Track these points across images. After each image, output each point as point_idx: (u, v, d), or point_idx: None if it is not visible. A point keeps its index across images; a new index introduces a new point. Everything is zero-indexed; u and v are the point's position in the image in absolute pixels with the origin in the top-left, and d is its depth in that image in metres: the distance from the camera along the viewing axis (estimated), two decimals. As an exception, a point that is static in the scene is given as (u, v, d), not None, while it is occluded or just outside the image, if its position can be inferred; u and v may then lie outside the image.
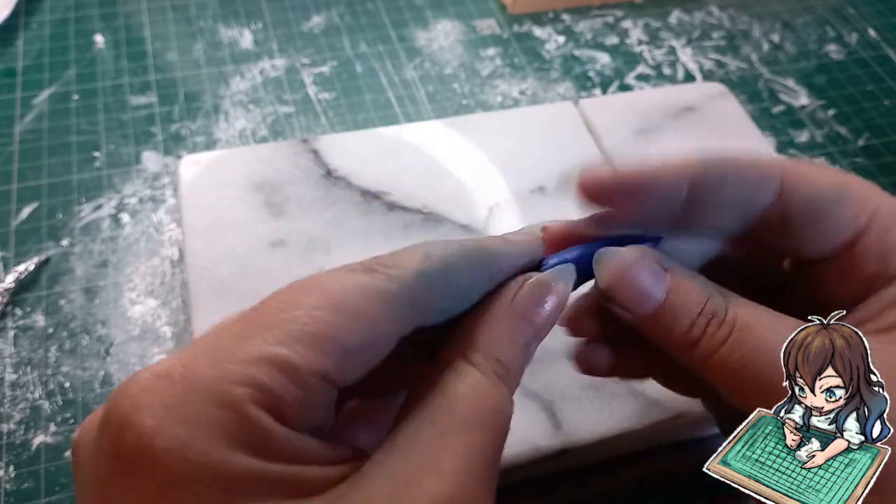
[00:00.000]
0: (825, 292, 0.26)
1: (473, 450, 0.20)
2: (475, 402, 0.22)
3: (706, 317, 0.24)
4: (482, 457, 0.21)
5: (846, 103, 0.56)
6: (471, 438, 0.21)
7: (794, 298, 0.26)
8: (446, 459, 0.20)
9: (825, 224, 0.24)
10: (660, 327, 0.25)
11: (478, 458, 0.20)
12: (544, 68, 0.58)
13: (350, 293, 0.20)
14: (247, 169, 0.45)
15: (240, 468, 0.17)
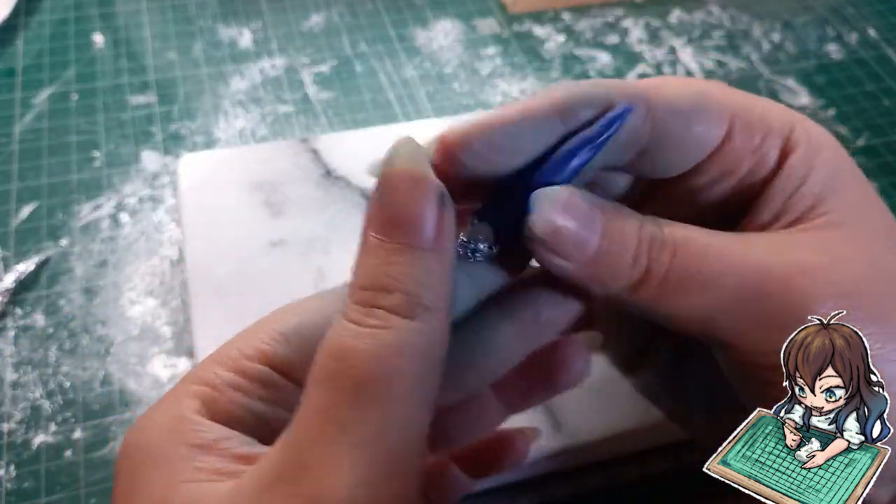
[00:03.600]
0: (693, 203, 0.24)
1: (315, 410, 0.18)
2: (323, 351, 0.19)
3: (646, 245, 0.22)
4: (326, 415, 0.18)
5: (846, 103, 0.56)
6: (312, 399, 0.18)
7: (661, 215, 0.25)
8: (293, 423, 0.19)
9: (691, 136, 0.23)
10: (603, 271, 0.22)
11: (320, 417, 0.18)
12: (544, 67, 0.58)
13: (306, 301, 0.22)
14: (246, 169, 0.45)
15: (170, 455, 0.19)
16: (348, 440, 0.18)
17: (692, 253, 0.22)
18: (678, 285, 0.22)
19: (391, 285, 0.19)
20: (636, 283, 0.22)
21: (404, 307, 0.19)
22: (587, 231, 0.22)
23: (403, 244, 0.19)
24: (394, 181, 0.20)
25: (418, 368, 0.19)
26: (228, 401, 0.20)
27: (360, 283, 0.20)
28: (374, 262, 0.19)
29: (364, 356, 0.18)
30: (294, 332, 0.21)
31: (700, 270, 0.22)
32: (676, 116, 0.23)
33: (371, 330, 0.19)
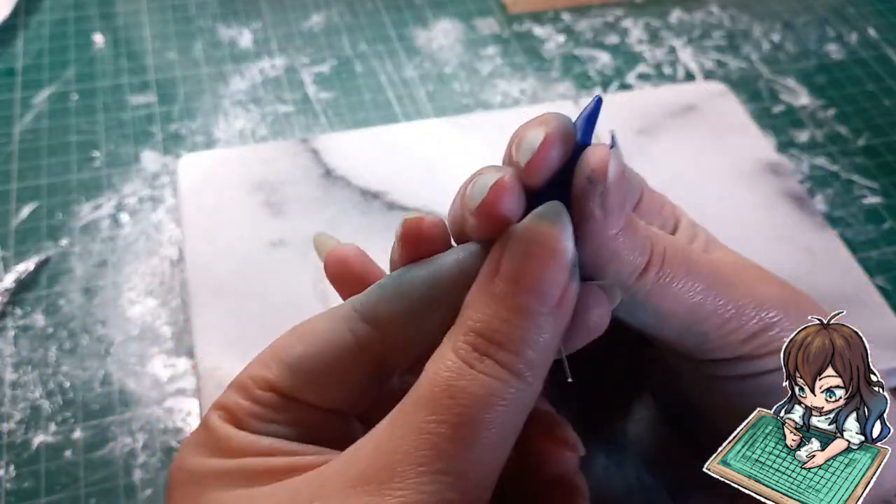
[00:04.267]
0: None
1: (418, 428, 0.19)
2: (432, 380, 0.20)
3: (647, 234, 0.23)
4: (427, 440, 0.19)
5: (846, 103, 0.56)
6: (416, 416, 0.19)
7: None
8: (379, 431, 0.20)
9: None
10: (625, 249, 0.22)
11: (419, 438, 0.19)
12: (544, 67, 0.58)
13: (315, 322, 0.23)
14: (246, 168, 0.45)
15: (202, 467, 0.21)
16: (440, 467, 0.19)
17: (676, 248, 0.24)
18: (672, 275, 0.23)
19: (507, 345, 0.20)
20: (643, 269, 0.23)
21: (513, 364, 0.20)
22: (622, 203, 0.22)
23: (527, 306, 0.20)
24: (537, 243, 0.21)
25: (513, 422, 0.20)
26: (250, 427, 0.22)
27: (478, 329, 0.20)
28: (495, 314, 0.20)
29: (472, 399, 0.19)
30: (297, 362, 0.22)
31: (684, 263, 0.23)
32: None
33: (482, 375, 0.20)
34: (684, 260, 0.23)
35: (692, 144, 0.49)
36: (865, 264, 0.46)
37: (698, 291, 0.23)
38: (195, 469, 0.21)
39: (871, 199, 0.50)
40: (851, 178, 0.51)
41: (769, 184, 0.47)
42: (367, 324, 0.22)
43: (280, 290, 0.40)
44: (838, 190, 0.51)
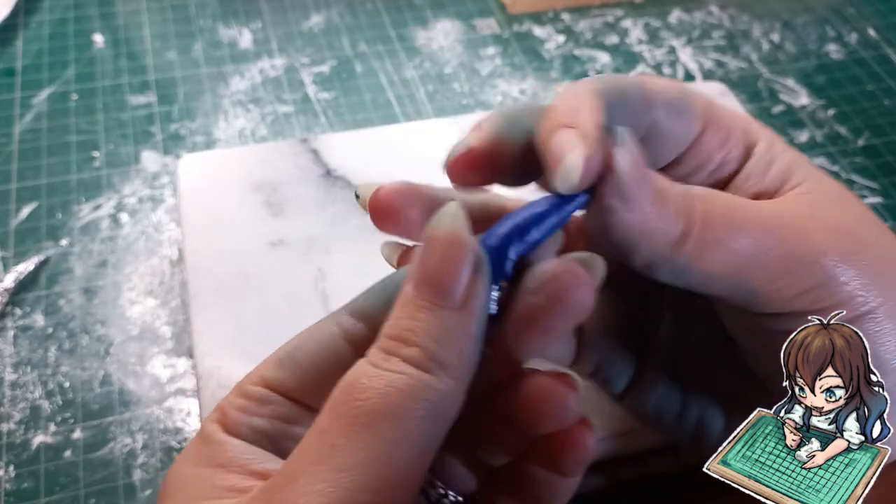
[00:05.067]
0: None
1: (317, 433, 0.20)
2: (338, 385, 0.20)
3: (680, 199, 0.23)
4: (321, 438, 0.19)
5: (846, 103, 0.56)
6: (318, 420, 0.20)
7: None
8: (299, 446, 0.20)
9: (679, 128, 0.25)
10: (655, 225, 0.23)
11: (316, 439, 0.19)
12: (544, 68, 0.58)
13: (318, 323, 0.24)
14: (246, 169, 0.45)
15: (193, 476, 0.21)
16: (333, 463, 0.19)
17: (717, 206, 0.23)
18: (713, 238, 0.23)
19: (410, 338, 0.20)
20: (679, 239, 0.23)
21: (418, 360, 0.20)
22: (644, 183, 0.23)
23: (431, 302, 0.21)
24: (434, 243, 0.21)
25: (422, 416, 0.20)
26: (234, 421, 0.22)
27: (387, 332, 0.21)
28: (403, 315, 0.21)
29: (370, 392, 0.19)
30: (287, 356, 0.23)
31: (727, 222, 0.23)
32: (668, 109, 0.25)
33: (383, 372, 0.20)
34: (726, 219, 0.23)
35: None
36: (865, 264, 0.46)
37: (744, 249, 0.23)
38: (186, 477, 0.22)
39: (871, 199, 0.50)
40: (851, 178, 0.51)
41: (769, 184, 0.47)
42: (353, 317, 0.23)
43: (280, 290, 0.40)
44: (838, 190, 0.51)
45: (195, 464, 0.22)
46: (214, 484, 0.21)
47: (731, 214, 0.23)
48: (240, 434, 0.22)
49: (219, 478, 0.21)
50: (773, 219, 0.24)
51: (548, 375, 0.23)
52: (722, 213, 0.23)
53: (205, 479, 0.21)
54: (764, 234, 0.23)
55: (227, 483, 0.21)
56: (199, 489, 0.21)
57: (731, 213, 0.23)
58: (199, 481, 0.21)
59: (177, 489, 0.21)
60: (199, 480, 0.21)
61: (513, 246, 0.22)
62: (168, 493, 0.22)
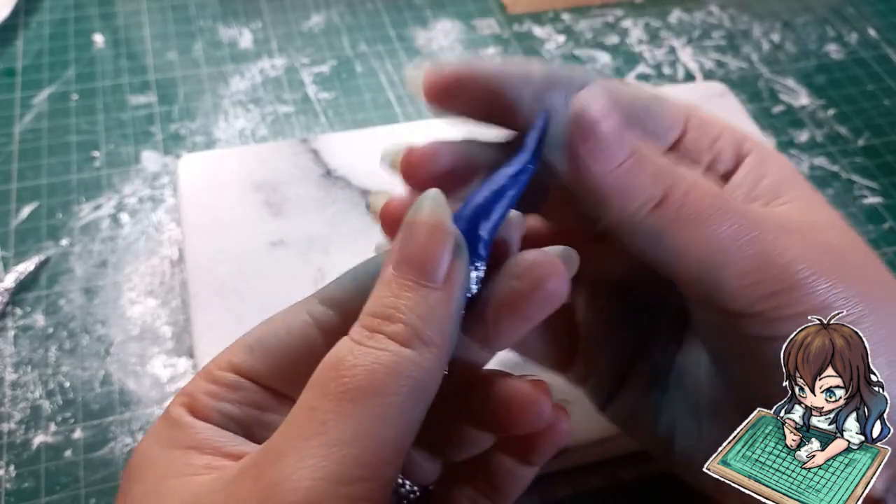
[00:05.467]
0: None
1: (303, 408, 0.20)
2: (322, 364, 0.20)
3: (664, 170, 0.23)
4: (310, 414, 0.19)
5: (846, 103, 0.56)
6: (304, 396, 0.20)
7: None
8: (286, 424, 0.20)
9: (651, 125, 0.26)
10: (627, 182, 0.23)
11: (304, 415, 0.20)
12: (544, 68, 0.58)
13: (287, 310, 0.24)
14: (246, 169, 0.45)
15: (163, 457, 0.21)
16: (324, 439, 0.19)
17: (704, 191, 0.23)
18: (692, 213, 0.23)
19: (394, 315, 0.21)
20: (658, 202, 0.23)
21: (403, 336, 0.20)
22: (619, 139, 0.23)
23: (414, 281, 0.21)
24: (416, 226, 0.22)
25: (406, 392, 0.20)
26: (203, 406, 0.22)
27: (369, 310, 0.21)
28: (386, 294, 0.21)
29: (356, 369, 0.20)
30: (256, 342, 0.23)
31: (711, 204, 0.23)
32: (635, 108, 0.25)
33: (368, 349, 0.20)
34: (711, 201, 0.23)
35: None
36: (865, 264, 0.46)
37: (722, 235, 0.23)
38: (155, 458, 0.21)
39: (871, 199, 0.50)
40: (851, 178, 0.51)
41: (769, 184, 0.47)
42: (323, 305, 0.23)
43: (280, 290, 0.40)
44: (838, 190, 0.51)
45: (164, 446, 0.22)
46: (188, 463, 0.21)
47: (716, 199, 0.23)
48: (209, 418, 0.22)
49: (191, 458, 0.21)
50: (755, 217, 0.24)
51: (524, 381, 0.23)
52: (707, 194, 0.23)
53: (176, 459, 0.21)
54: (743, 228, 0.23)
55: (201, 462, 0.21)
56: (171, 468, 0.21)
57: (716, 198, 0.24)
58: (170, 461, 0.21)
59: (146, 469, 0.21)
60: (170, 460, 0.21)
61: (481, 226, 0.23)
62: (135, 476, 0.21)
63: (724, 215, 0.23)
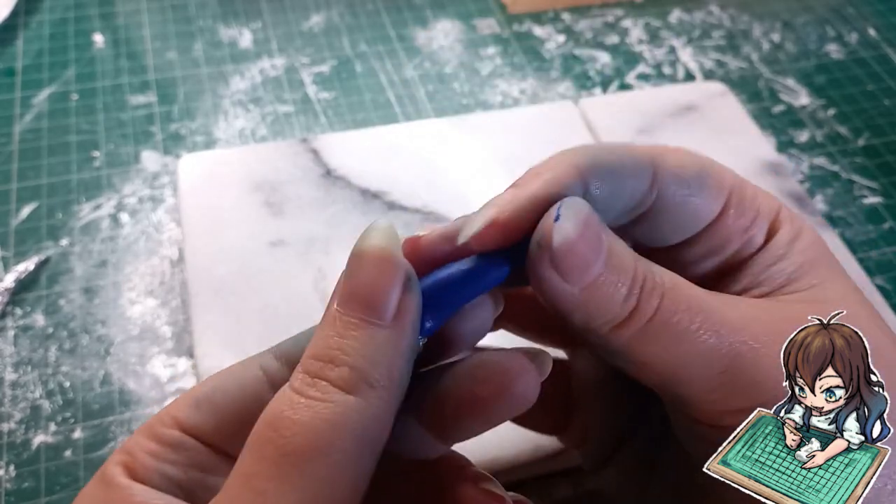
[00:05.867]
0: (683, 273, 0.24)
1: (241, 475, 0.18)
2: (261, 419, 0.19)
3: (639, 282, 0.21)
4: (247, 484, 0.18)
5: (846, 103, 0.56)
6: (241, 462, 0.18)
7: None
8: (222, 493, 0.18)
9: (692, 207, 0.24)
10: (596, 300, 0.21)
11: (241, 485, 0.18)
12: (544, 68, 0.58)
13: (239, 365, 0.22)
14: (246, 168, 0.45)
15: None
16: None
17: (678, 301, 0.22)
18: (659, 331, 0.21)
19: (339, 358, 0.19)
20: (622, 321, 0.21)
21: (347, 382, 0.19)
22: (594, 255, 0.21)
23: (361, 319, 0.19)
24: (363, 259, 0.20)
25: (351, 446, 0.18)
26: (143, 466, 0.20)
27: (311, 353, 0.20)
28: (329, 334, 0.20)
29: (296, 428, 0.18)
30: (205, 398, 0.21)
31: (681, 321, 0.21)
32: (680, 186, 0.23)
33: (309, 402, 0.18)
34: (681, 320, 0.21)
35: (692, 144, 0.48)
36: (865, 264, 0.46)
37: (688, 352, 0.21)
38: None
39: (871, 199, 0.50)
40: (851, 178, 0.51)
41: (769, 184, 0.47)
42: (278, 361, 0.22)
43: (280, 290, 0.40)
44: (838, 190, 0.51)
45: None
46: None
47: (690, 314, 0.21)
48: (148, 481, 0.20)
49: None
50: (734, 330, 0.21)
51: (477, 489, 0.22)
52: (680, 310, 0.21)
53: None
54: (716, 346, 0.21)
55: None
56: None
57: (691, 312, 0.21)
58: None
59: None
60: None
61: (426, 315, 0.21)
62: None
63: (694, 331, 0.21)
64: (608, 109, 0.50)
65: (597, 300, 0.21)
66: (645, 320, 0.21)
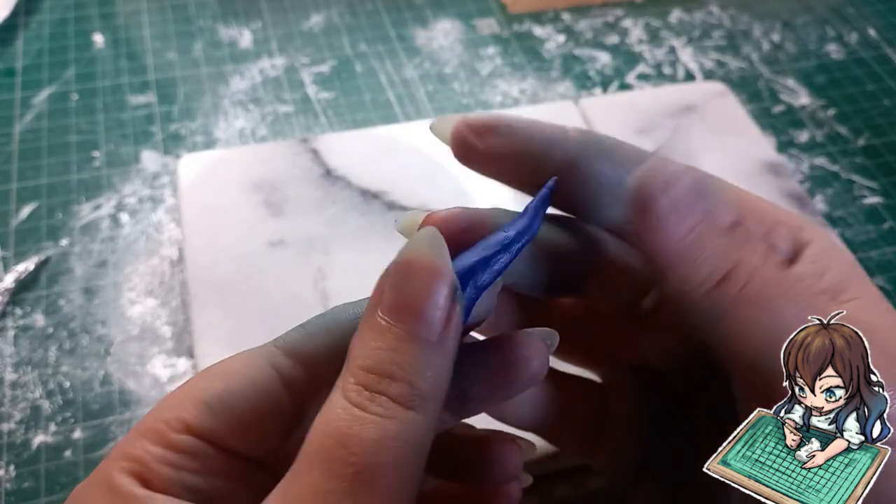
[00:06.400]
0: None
1: (313, 490, 0.18)
2: (324, 432, 0.18)
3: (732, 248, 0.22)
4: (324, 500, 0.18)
5: (846, 103, 0.56)
6: (311, 476, 0.18)
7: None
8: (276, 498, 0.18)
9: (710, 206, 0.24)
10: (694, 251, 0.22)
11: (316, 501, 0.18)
12: (544, 68, 0.58)
13: (232, 361, 0.21)
14: (246, 168, 0.45)
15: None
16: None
17: (769, 274, 0.22)
18: (757, 295, 0.22)
19: (396, 374, 0.19)
20: (720, 279, 0.22)
21: (407, 398, 0.19)
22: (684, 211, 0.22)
23: (411, 333, 0.19)
24: (413, 269, 0.20)
25: (414, 460, 0.19)
26: (159, 476, 0.20)
27: (365, 365, 0.19)
28: (380, 346, 0.19)
29: (367, 445, 0.18)
30: (218, 401, 0.21)
31: (776, 289, 0.22)
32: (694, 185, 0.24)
33: (374, 417, 0.18)
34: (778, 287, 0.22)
35: (692, 144, 0.49)
36: (865, 264, 0.46)
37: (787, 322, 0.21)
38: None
39: (871, 199, 0.50)
40: (851, 178, 0.51)
41: (769, 184, 0.47)
42: (290, 359, 0.21)
43: (280, 290, 0.40)
44: (838, 190, 0.51)
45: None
46: None
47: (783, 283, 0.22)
48: (171, 492, 0.19)
49: None
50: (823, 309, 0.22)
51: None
52: (773, 277, 0.22)
53: None
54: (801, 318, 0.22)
55: None
56: None
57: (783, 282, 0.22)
58: None
59: None
60: None
61: (466, 289, 0.21)
62: None
63: (790, 301, 0.22)
64: (608, 109, 0.50)
65: (696, 251, 0.22)
66: (744, 280, 0.22)
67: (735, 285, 0.22)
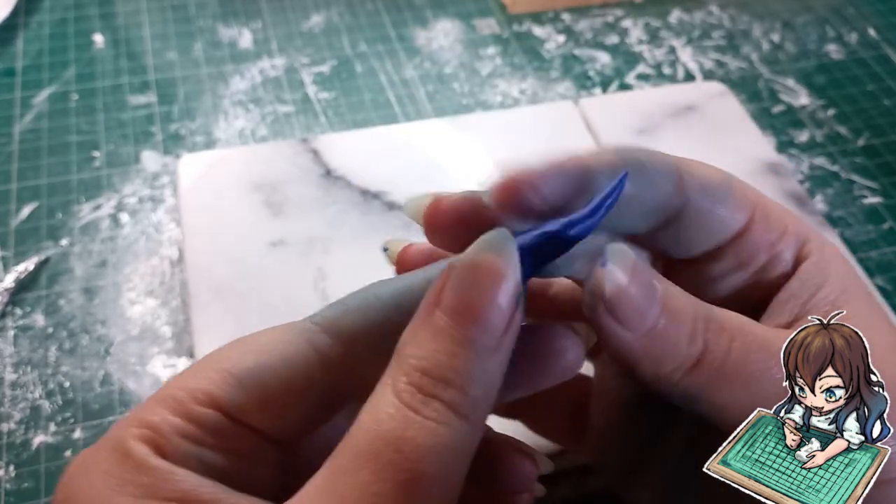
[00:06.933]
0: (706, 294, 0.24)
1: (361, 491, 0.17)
2: (375, 432, 0.18)
3: (701, 324, 0.21)
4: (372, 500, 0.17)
5: (846, 103, 0.56)
6: (359, 476, 0.17)
7: None
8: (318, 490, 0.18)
9: (717, 216, 0.24)
10: (659, 346, 0.21)
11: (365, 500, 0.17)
12: (544, 68, 0.58)
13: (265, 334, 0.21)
14: (246, 169, 0.45)
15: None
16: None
17: (749, 342, 0.21)
18: (735, 373, 0.21)
19: (454, 381, 0.18)
20: (692, 365, 0.21)
21: (461, 407, 0.18)
22: (648, 301, 0.21)
23: (471, 339, 0.19)
24: (479, 271, 0.19)
25: (461, 469, 0.19)
26: (175, 448, 0.19)
27: (423, 367, 0.19)
28: (438, 348, 0.19)
29: (421, 451, 0.18)
30: (249, 375, 0.20)
31: (756, 360, 0.21)
32: (705, 193, 0.23)
33: (428, 422, 0.18)
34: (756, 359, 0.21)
35: (692, 144, 0.49)
36: (865, 264, 0.46)
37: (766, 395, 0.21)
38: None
39: (871, 199, 0.50)
40: (851, 178, 0.51)
41: (769, 184, 0.47)
42: (328, 336, 0.21)
43: (280, 290, 0.40)
44: (838, 190, 0.51)
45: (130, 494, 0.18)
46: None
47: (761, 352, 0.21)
48: (184, 465, 0.18)
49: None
50: None
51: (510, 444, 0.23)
52: (752, 346, 0.21)
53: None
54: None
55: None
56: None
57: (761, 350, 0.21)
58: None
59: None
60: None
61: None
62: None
63: (768, 370, 0.21)
64: (608, 109, 0.50)
65: (660, 345, 0.21)
66: (718, 362, 0.21)
67: (710, 366, 0.21)
